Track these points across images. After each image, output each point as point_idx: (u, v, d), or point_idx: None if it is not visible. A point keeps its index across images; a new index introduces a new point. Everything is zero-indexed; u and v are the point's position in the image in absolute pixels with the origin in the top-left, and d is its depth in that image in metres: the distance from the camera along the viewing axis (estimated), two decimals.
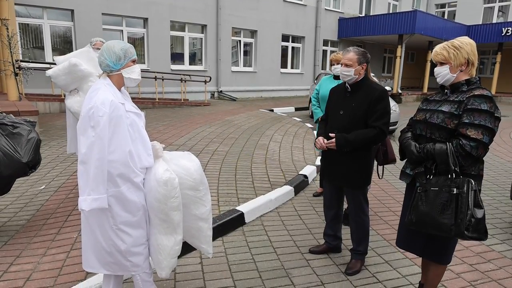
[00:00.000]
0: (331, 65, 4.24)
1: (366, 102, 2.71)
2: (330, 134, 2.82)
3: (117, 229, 2.02)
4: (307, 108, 12.20)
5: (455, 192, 1.97)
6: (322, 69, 18.20)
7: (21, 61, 9.00)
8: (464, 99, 2.08)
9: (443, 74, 2.17)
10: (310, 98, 10.95)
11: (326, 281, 2.80)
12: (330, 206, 3.10)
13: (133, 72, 2.12)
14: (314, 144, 2.97)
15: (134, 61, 2.12)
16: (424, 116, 2.25)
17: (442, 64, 2.18)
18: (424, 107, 2.32)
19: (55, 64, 9.84)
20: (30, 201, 4.00)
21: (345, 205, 4.03)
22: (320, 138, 2.89)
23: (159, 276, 2.22)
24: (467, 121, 2.03)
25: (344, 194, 3.07)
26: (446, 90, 2.26)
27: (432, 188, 2.07)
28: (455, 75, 2.15)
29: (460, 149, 2.03)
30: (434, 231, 2.07)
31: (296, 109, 12.75)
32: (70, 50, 11.18)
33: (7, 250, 3.04)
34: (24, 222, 3.52)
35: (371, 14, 20.18)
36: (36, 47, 10.93)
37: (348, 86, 2.83)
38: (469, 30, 19.27)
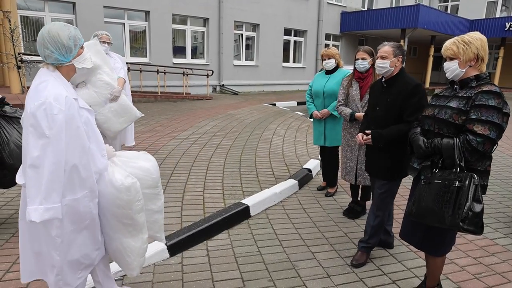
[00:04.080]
0: (322, 60, 4.24)
1: (400, 97, 2.71)
2: (366, 131, 2.87)
3: (60, 241, 1.81)
4: None
5: (456, 185, 1.99)
6: None
7: (23, 54, 9.00)
8: (472, 95, 2.09)
9: (452, 69, 2.17)
10: None
11: (332, 273, 2.83)
12: None
13: (85, 60, 1.88)
14: (355, 139, 3.09)
15: (82, 47, 1.86)
16: (433, 111, 2.26)
17: (451, 59, 2.18)
18: (433, 103, 2.33)
19: None
20: None
21: (350, 199, 4.07)
22: (360, 134, 2.94)
23: (129, 277, 2.15)
24: (474, 116, 2.04)
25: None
26: (455, 86, 2.26)
27: (435, 181, 2.10)
28: (464, 70, 2.15)
29: (466, 144, 2.04)
30: (432, 222, 2.11)
31: (298, 103, 12.74)
32: None
33: (15, 241, 3.06)
34: None
35: (373, 8, 20.08)
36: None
37: (384, 82, 2.85)
38: (472, 25, 19.19)
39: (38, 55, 9.28)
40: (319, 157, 5.71)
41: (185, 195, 3.99)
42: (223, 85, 14.74)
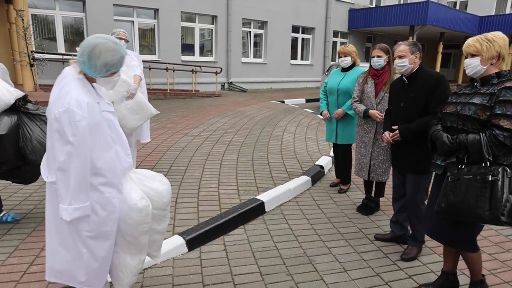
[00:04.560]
0: (339, 57, 4.26)
1: (425, 91, 2.78)
2: (393, 127, 2.94)
3: (93, 235, 1.87)
4: (318, 100, 12.19)
5: (490, 179, 2.01)
6: (332, 61, 18.12)
7: (35, 52, 9.10)
8: (495, 91, 2.13)
9: (474, 65, 2.21)
10: None
11: (348, 268, 2.86)
12: (398, 195, 3.17)
13: (108, 83, 1.92)
14: (381, 138, 3.17)
15: (115, 73, 1.90)
16: (455, 108, 2.29)
17: (473, 56, 2.22)
18: (454, 100, 2.36)
19: (69, 55, 9.84)
20: None
21: (363, 195, 4.09)
22: (386, 133, 3.04)
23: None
24: (499, 112, 2.08)
25: None
26: (475, 83, 2.30)
27: (465, 177, 2.11)
28: (485, 67, 2.19)
29: (493, 139, 2.07)
30: (468, 218, 2.11)
31: (307, 101, 12.75)
32: (81, 41, 11.22)
33: (37, 236, 3.12)
34: None
35: (381, 5, 19.98)
36: (48, 38, 11.02)
37: (405, 79, 2.91)
38: (481, 21, 19.00)
39: (50, 53, 9.42)
40: (331, 154, 5.76)
41: (200, 191, 4.04)
42: (231, 82, 14.78)
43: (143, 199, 1.96)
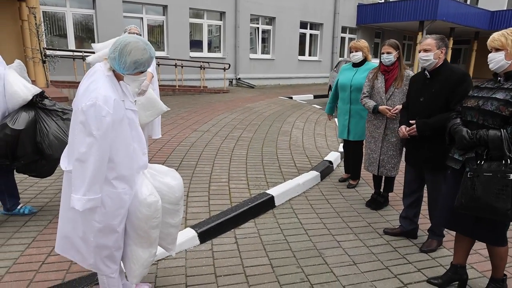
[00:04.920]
0: (350, 52, 4.26)
1: (447, 87, 2.76)
2: (410, 121, 2.95)
3: (101, 227, 1.94)
4: (326, 96, 12.20)
5: (511, 177, 2.01)
6: (340, 57, 18.05)
7: (46, 49, 9.22)
8: None
9: (497, 60, 2.18)
10: (330, 85, 10.99)
11: (357, 261, 2.91)
12: (410, 191, 3.20)
13: (134, 82, 1.98)
14: (397, 132, 3.19)
15: (143, 73, 1.96)
16: (477, 102, 2.27)
17: (497, 50, 2.19)
18: (475, 94, 2.34)
19: (79, 52, 9.93)
20: None
21: (372, 190, 4.12)
22: (402, 127, 3.04)
23: (129, 283, 2.24)
24: None
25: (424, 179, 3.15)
26: (499, 78, 2.28)
27: (485, 174, 2.10)
28: (509, 62, 2.16)
29: None
30: (488, 215, 2.13)
31: (315, 97, 12.76)
32: (92, 38, 11.39)
33: (53, 228, 3.20)
34: None
35: (390, 0, 19.80)
36: (58, 35, 11.15)
37: (427, 73, 2.90)
38: (493, 16, 18.73)
39: (60, 50, 9.49)
40: (340, 149, 5.78)
41: (211, 185, 4.11)
42: (239, 78, 14.82)
43: (151, 194, 2.02)
